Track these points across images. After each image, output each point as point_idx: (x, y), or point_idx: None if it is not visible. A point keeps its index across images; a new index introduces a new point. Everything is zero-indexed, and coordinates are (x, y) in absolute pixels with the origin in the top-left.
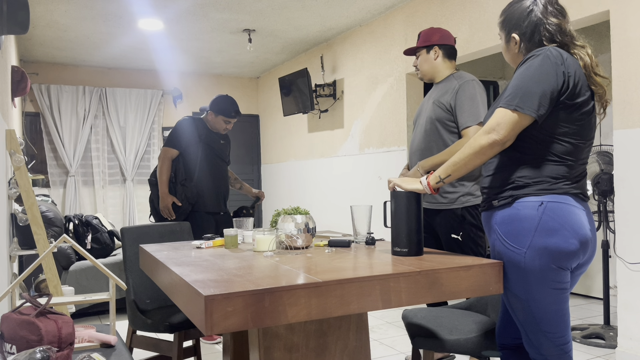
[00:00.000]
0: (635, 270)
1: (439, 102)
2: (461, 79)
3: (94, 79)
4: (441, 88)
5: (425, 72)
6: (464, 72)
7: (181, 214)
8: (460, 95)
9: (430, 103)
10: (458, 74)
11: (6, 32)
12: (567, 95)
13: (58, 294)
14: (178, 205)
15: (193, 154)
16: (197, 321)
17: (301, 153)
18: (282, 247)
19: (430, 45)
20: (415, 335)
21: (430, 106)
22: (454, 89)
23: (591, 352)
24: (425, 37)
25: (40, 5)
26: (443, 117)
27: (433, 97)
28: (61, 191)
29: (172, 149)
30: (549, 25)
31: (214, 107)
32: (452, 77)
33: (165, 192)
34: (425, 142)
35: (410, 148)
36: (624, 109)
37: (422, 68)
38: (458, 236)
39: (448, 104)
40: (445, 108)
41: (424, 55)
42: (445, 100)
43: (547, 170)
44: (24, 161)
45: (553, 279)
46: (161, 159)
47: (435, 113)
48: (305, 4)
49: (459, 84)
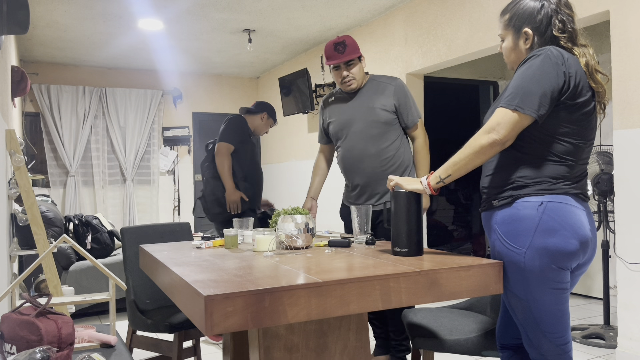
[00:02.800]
0: (635, 270)
1: (381, 107)
2: (389, 80)
3: (94, 79)
4: (370, 93)
5: (359, 81)
6: (379, 75)
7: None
8: (401, 95)
9: (367, 108)
10: (377, 77)
11: (6, 32)
12: (567, 95)
13: (58, 294)
14: (245, 200)
15: (244, 151)
16: (197, 321)
17: (301, 153)
18: (282, 247)
19: (361, 55)
20: (415, 335)
21: (370, 111)
22: (392, 91)
23: (591, 352)
24: (355, 46)
25: (40, 5)
26: (390, 119)
27: (366, 101)
28: (61, 191)
29: (230, 144)
30: (563, 15)
31: (271, 112)
32: (375, 81)
33: (233, 186)
34: (374, 147)
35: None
36: (624, 109)
37: (357, 77)
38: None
39: (392, 105)
40: (391, 110)
41: (359, 64)
42: (387, 102)
43: (548, 170)
44: (24, 161)
45: (553, 279)
46: (222, 154)
47: (381, 117)
48: (305, 4)
49: (394, 85)
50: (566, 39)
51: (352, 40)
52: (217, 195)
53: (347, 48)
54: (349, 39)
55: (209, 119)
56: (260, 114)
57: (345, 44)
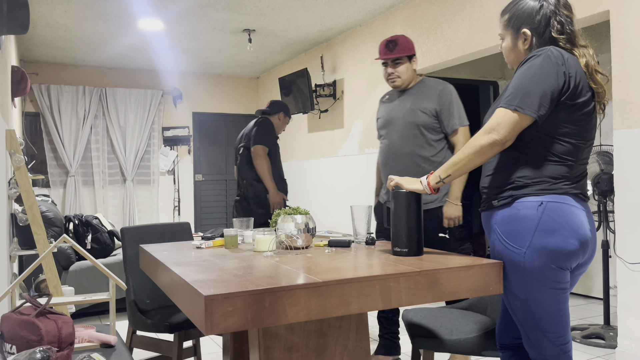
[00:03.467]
0: (635, 270)
1: (422, 109)
2: (439, 84)
3: (94, 79)
4: (415, 94)
5: (405, 80)
6: (431, 78)
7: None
8: (444, 100)
9: (408, 109)
10: (428, 80)
11: (6, 32)
12: (568, 95)
13: (58, 294)
14: (287, 201)
15: (275, 153)
16: (197, 321)
17: (301, 153)
18: (282, 247)
19: (412, 54)
20: (415, 335)
21: (410, 112)
22: (437, 95)
23: (591, 352)
24: (406, 46)
25: (40, 5)
26: (429, 122)
27: (409, 103)
28: (61, 191)
29: (266, 146)
30: (561, 16)
31: (287, 110)
32: (424, 84)
33: (275, 188)
34: (409, 147)
35: (386, 154)
36: (624, 109)
37: (403, 76)
38: (445, 234)
39: (433, 109)
40: (431, 114)
41: (405, 65)
42: (429, 106)
43: (547, 171)
44: (24, 161)
45: (553, 279)
46: (261, 157)
47: (420, 119)
48: (305, 4)
49: (440, 90)
50: (565, 41)
51: (405, 40)
52: (260, 198)
53: (397, 47)
54: (402, 38)
55: (209, 119)
56: (277, 114)
57: (397, 42)
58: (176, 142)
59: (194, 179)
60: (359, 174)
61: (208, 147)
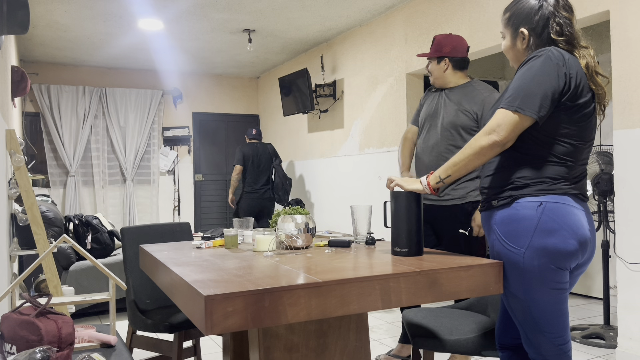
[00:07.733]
0: (635, 270)
1: (465, 111)
2: (486, 91)
3: (94, 79)
4: (462, 95)
5: (436, 78)
6: (481, 82)
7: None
8: (488, 106)
9: (452, 108)
10: (477, 83)
11: (6, 32)
12: (568, 96)
13: (58, 294)
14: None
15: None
16: (197, 321)
17: (301, 153)
18: (282, 247)
19: (440, 56)
20: (415, 335)
21: (453, 112)
22: (482, 100)
23: (591, 352)
24: (437, 47)
25: (40, 5)
26: (469, 125)
27: (454, 102)
28: (61, 191)
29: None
30: (560, 18)
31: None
32: (472, 86)
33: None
34: (444, 145)
35: (422, 146)
36: (624, 109)
37: (433, 75)
38: (466, 231)
39: (475, 113)
40: (472, 117)
41: (434, 64)
42: (472, 109)
43: (547, 171)
44: (24, 161)
45: (552, 279)
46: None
47: (460, 120)
48: (305, 4)
49: (485, 96)
50: (564, 43)
51: (440, 39)
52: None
53: (432, 46)
54: (439, 37)
55: (209, 119)
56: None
57: (434, 41)
58: (176, 142)
59: (194, 179)
60: (359, 174)
61: (208, 147)
